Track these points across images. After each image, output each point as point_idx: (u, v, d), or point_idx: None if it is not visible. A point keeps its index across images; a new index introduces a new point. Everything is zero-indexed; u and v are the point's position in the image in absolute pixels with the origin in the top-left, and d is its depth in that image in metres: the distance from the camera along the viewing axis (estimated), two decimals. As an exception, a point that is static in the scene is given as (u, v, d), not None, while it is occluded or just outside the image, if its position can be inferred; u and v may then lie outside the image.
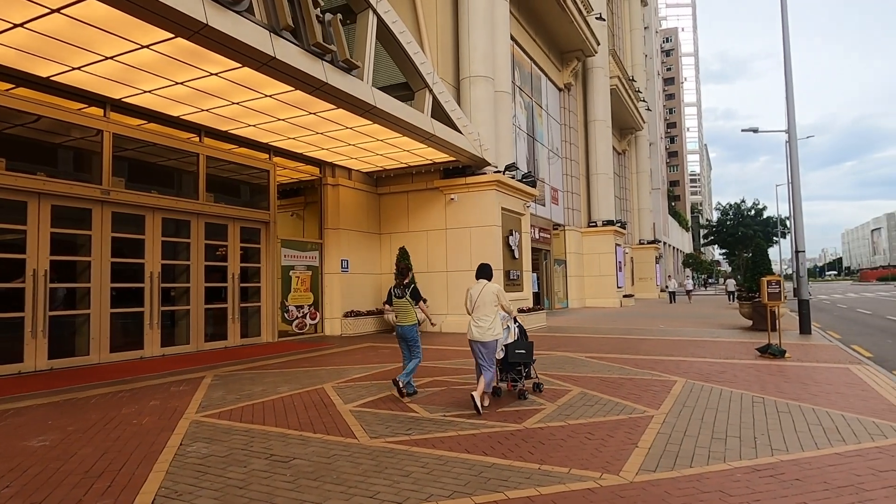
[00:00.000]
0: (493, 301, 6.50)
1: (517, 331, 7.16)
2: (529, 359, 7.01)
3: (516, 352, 6.90)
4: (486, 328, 6.42)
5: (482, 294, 6.53)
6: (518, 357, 6.89)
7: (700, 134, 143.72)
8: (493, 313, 6.49)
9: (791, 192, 14.72)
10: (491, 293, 6.52)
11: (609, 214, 31.44)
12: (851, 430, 5.19)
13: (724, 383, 7.56)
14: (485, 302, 6.49)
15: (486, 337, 6.40)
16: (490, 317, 6.46)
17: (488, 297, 6.50)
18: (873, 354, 10.85)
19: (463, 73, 16.90)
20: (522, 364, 6.98)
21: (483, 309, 6.48)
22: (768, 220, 66.87)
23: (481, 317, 6.47)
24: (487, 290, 6.55)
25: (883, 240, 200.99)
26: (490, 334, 6.41)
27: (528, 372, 7.13)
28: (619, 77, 35.72)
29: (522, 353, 6.92)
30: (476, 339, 6.44)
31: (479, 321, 6.47)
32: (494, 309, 6.51)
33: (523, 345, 7.02)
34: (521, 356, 6.91)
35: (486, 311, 6.47)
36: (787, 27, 14.22)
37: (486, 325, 6.43)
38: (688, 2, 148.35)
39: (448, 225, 16.43)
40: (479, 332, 6.42)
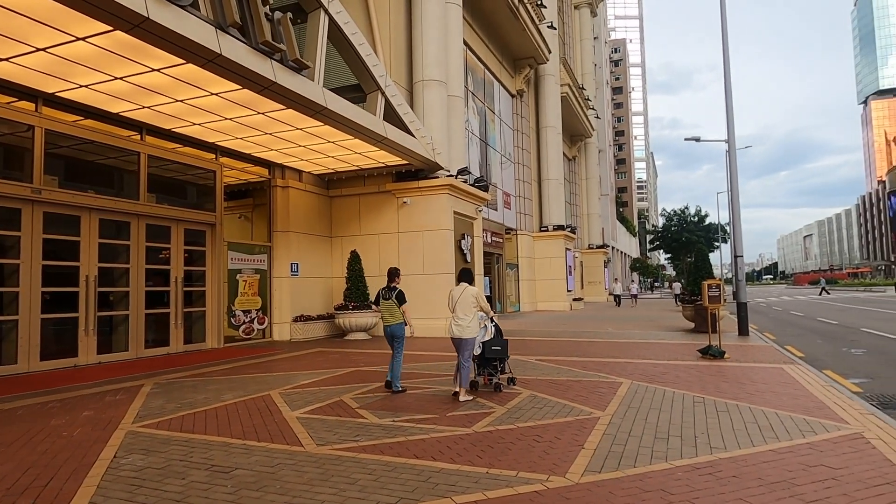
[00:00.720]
0: (473, 302, 7.09)
1: (493, 329, 7.74)
2: (504, 354, 7.59)
3: (493, 348, 7.51)
4: (464, 326, 7.03)
5: (463, 296, 7.11)
6: (494, 353, 7.50)
7: (647, 142, 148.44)
8: (471, 313, 7.07)
9: (730, 200, 15.34)
10: (470, 295, 7.11)
11: (560, 219, 32.01)
12: (784, 427, 5.41)
13: (667, 384, 7.78)
14: (464, 303, 7.08)
15: (465, 334, 7.02)
16: (469, 316, 7.05)
17: (468, 298, 7.09)
18: (805, 354, 11.41)
19: (416, 77, 16.88)
20: (498, 359, 7.56)
21: (463, 309, 7.07)
22: (710, 227, 69.56)
23: (461, 316, 7.06)
24: (468, 292, 7.13)
25: (814, 245, 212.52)
26: (468, 332, 7.03)
27: (503, 367, 7.66)
28: (570, 85, 36.49)
29: (498, 349, 7.52)
30: (456, 336, 7.06)
31: (458, 320, 7.07)
32: (473, 309, 7.09)
33: (499, 342, 7.59)
34: (497, 352, 7.51)
35: (465, 311, 7.06)
36: (727, 44, 14.84)
37: (465, 324, 7.03)
38: (635, 14, 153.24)
39: (400, 228, 16.36)
40: (459, 329, 7.04)
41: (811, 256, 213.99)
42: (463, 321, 7.04)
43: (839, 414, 5.86)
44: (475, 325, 7.12)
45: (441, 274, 15.85)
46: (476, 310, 7.12)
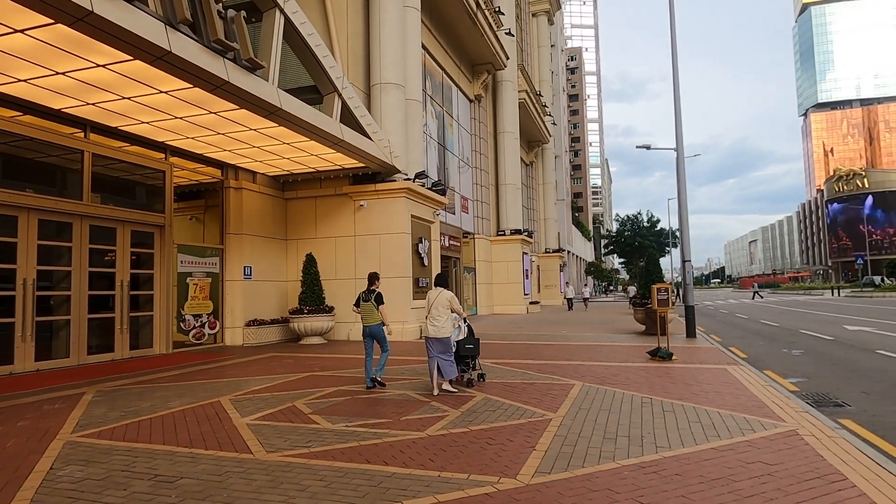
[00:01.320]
0: (447, 305, 7.74)
1: (466, 329, 8.34)
2: (476, 352, 8.26)
3: (466, 346, 8.16)
4: (439, 327, 7.65)
5: (438, 299, 7.76)
6: (467, 351, 8.18)
7: (602, 149, 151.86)
8: (445, 315, 7.70)
9: (679, 206, 15.87)
10: (445, 298, 7.77)
11: (517, 224, 32.39)
12: (726, 426, 5.63)
13: (617, 385, 7.97)
14: (440, 305, 7.73)
15: (440, 334, 7.63)
16: (443, 318, 7.68)
17: (443, 301, 7.75)
18: (747, 355, 11.88)
19: (374, 80, 16.81)
20: (470, 357, 8.23)
21: (438, 310, 7.71)
22: (661, 232, 71.75)
23: (436, 317, 7.69)
24: (443, 295, 7.78)
25: (759, 251, 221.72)
26: (443, 332, 7.64)
27: (474, 364, 8.34)
28: (528, 91, 37.02)
29: (471, 347, 8.20)
30: (431, 335, 7.66)
31: (434, 321, 7.69)
32: (447, 311, 7.73)
33: (471, 341, 8.26)
34: (470, 350, 8.19)
35: (439, 313, 7.70)
36: (676, 56, 15.36)
37: (440, 325, 7.65)
38: (591, 24, 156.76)
39: (357, 232, 16.24)
40: (434, 330, 7.66)
41: (756, 261, 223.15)
42: (438, 322, 7.66)
43: (777, 412, 6.13)
44: (449, 325, 7.73)
45: (398, 277, 15.80)
46: (449, 311, 7.75)
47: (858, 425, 6.01)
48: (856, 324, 18.96)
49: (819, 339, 14.85)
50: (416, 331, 15.90)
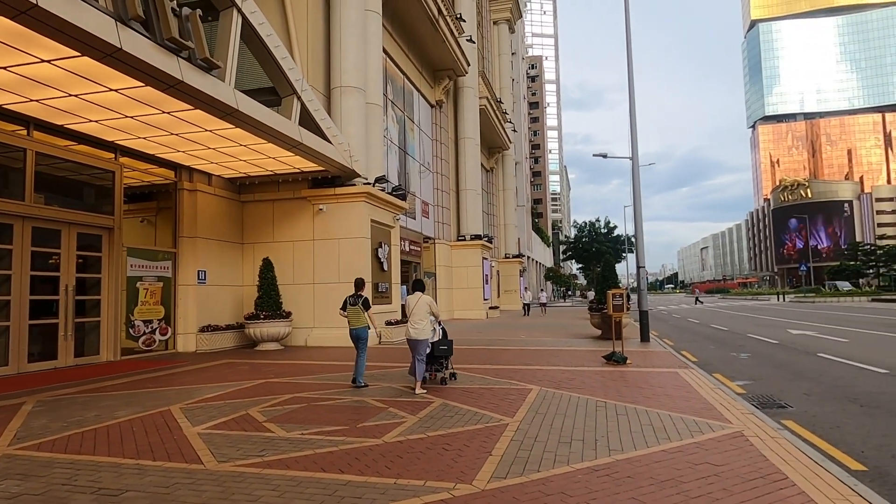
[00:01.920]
0: (426, 309, 8.25)
1: (441, 332, 8.84)
2: (449, 353, 8.83)
3: (440, 347, 8.69)
4: (420, 329, 8.15)
5: (418, 304, 8.25)
6: (441, 352, 8.70)
7: (561, 156, 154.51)
8: (425, 318, 8.22)
9: (634, 215, 16.28)
10: (424, 303, 8.28)
11: (477, 229, 32.59)
12: (676, 428, 5.79)
13: (573, 390, 8.10)
14: (419, 310, 8.23)
15: (420, 336, 8.13)
16: (423, 321, 8.19)
17: (422, 306, 8.25)
18: (698, 359, 12.26)
19: (334, 83, 16.66)
20: (444, 357, 8.76)
21: (418, 315, 8.20)
22: (618, 238, 73.31)
23: (416, 321, 8.18)
24: (422, 300, 8.27)
25: (710, 257, 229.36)
26: (423, 334, 8.15)
27: (447, 363, 8.88)
28: (488, 98, 37.36)
29: (444, 348, 8.73)
30: (413, 337, 8.15)
31: (415, 324, 8.17)
32: (427, 315, 8.24)
33: (445, 342, 8.78)
34: (444, 351, 8.73)
35: (420, 317, 8.20)
36: (632, 70, 15.79)
37: (421, 328, 8.16)
38: (551, 33, 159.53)
39: (316, 236, 16.03)
40: (416, 332, 8.14)
41: (707, 267, 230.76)
42: (419, 325, 8.16)
43: (724, 414, 6.34)
44: (428, 328, 8.25)
45: (357, 282, 15.65)
46: (428, 315, 8.29)
47: (799, 425, 6.27)
48: (799, 328, 19.81)
49: (765, 342, 15.44)
50: (374, 336, 15.75)
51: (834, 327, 19.64)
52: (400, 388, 8.46)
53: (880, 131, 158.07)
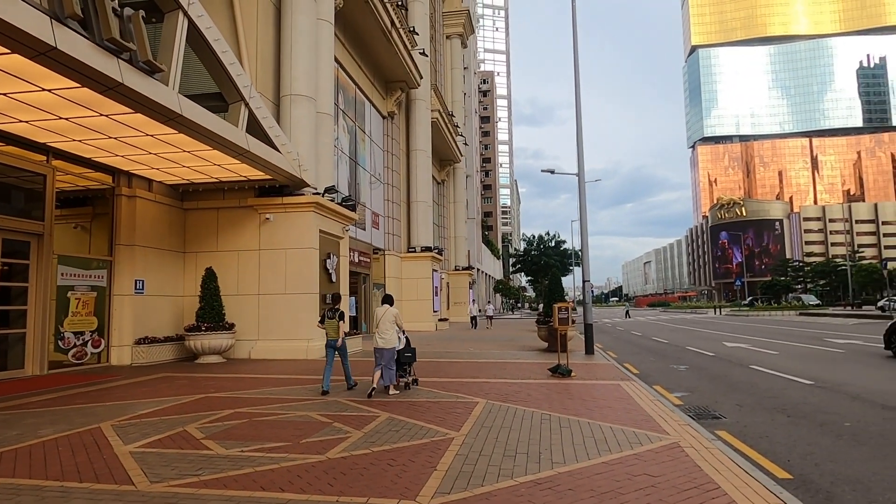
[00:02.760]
0: (392, 320, 9.10)
1: (405, 341, 9.53)
2: (413, 360, 9.62)
3: (405, 355, 9.46)
4: (387, 339, 8.97)
5: (385, 315, 9.12)
6: (406, 359, 9.49)
7: (511, 170, 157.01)
8: (391, 329, 9.05)
9: (581, 230, 16.69)
10: (391, 315, 9.14)
11: (428, 241, 32.62)
12: (616, 440, 5.93)
13: (519, 402, 8.18)
14: (386, 321, 9.07)
15: (387, 345, 8.95)
16: (389, 332, 9.02)
17: (389, 317, 9.11)
18: (639, 371, 12.61)
19: (284, 91, 16.42)
20: (408, 364, 9.57)
21: (384, 325, 9.04)
22: (566, 252, 74.98)
23: (383, 331, 9.01)
24: (389, 312, 9.15)
25: (652, 271, 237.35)
26: (389, 343, 8.98)
27: (410, 370, 9.66)
28: (440, 111, 37.63)
29: (409, 356, 9.52)
30: (380, 346, 8.95)
31: (382, 334, 9.00)
32: (393, 326, 9.08)
33: (409, 350, 9.55)
34: (408, 358, 9.53)
35: (386, 327, 9.03)
36: (579, 90, 16.26)
37: (388, 337, 8.98)
38: (503, 49, 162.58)
39: (262, 246, 15.66)
40: (383, 342, 8.96)
41: (650, 281, 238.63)
42: (386, 335, 8.99)
43: (662, 426, 6.54)
44: (394, 337, 9.05)
45: (304, 293, 15.38)
46: (394, 326, 9.10)
47: (732, 436, 6.53)
48: (733, 341, 20.70)
49: (702, 355, 16.06)
50: (321, 349, 15.46)
51: (765, 340, 20.63)
52: (346, 402, 8.33)
53: (808, 155, 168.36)
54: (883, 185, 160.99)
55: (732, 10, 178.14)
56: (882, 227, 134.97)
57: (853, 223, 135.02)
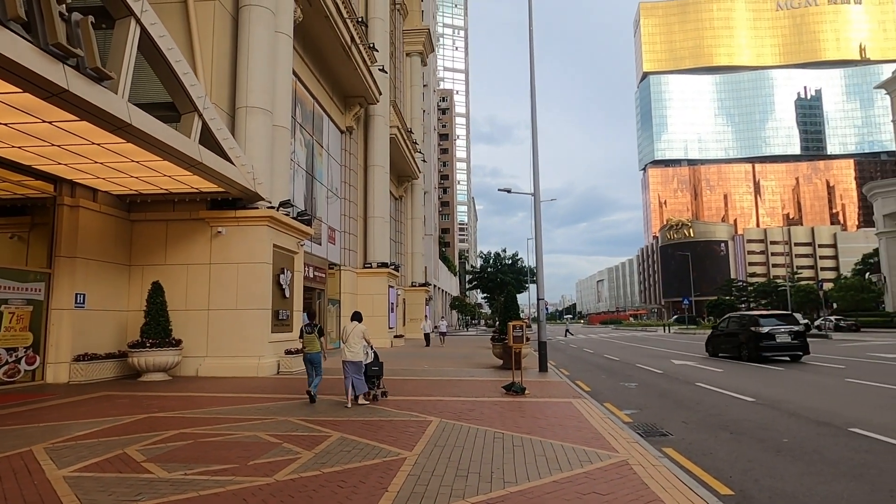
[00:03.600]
0: (360, 335, 9.76)
1: (373, 355, 10.20)
2: (381, 373, 10.35)
3: (372, 368, 10.18)
4: (355, 352, 9.62)
5: (353, 330, 9.75)
6: (373, 372, 10.21)
7: (469, 187, 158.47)
8: (359, 343, 9.70)
9: (536, 248, 16.96)
10: (359, 331, 9.79)
11: (384, 257, 32.46)
12: (567, 458, 5.99)
13: (472, 421, 8.18)
14: (355, 336, 9.70)
15: (355, 358, 9.61)
16: (357, 346, 9.67)
17: (357, 333, 9.75)
18: (591, 388, 12.82)
19: (239, 103, 16.15)
20: (376, 377, 10.25)
21: (352, 339, 9.67)
22: (521, 269, 75.87)
23: (351, 345, 9.63)
24: (357, 328, 9.80)
25: (605, 289, 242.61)
26: (357, 357, 9.65)
27: (379, 382, 10.32)
28: (399, 127, 37.75)
29: (376, 369, 10.26)
30: (349, 359, 9.59)
31: (350, 348, 9.62)
32: (361, 341, 9.73)
33: (377, 364, 10.26)
34: (376, 371, 10.25)
35: (354, 342, 9.66)
36: (535, 110, 16.63)
37: (356, 351, 9.62)
38: (462, 69, 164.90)
39: (213, 260, 15.26)
40: (351, 355, 9.61)
41: (602, 299, 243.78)
42: (354, 349, 9.62)
43: (612, 444, 6.65)
44: (361, 352, 9.71)
45: (256, 309, 15.03)
46: (362, 340, 9.75)
47: (678, 453, 6.70)
48: (681, 358, 21.31)
49: (651, 372, 16.46)
50: (273, 366, 15.16)
51: (711, 358, 21.32)
52: (297, 422, 8.15)
53: (751, 179, 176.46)
54: (819, 210, 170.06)
55: (681, 39, 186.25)
56: (818, 250, 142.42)
57: (792, 246, 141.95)
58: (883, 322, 46.35)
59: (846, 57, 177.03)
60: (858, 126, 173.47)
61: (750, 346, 18.88)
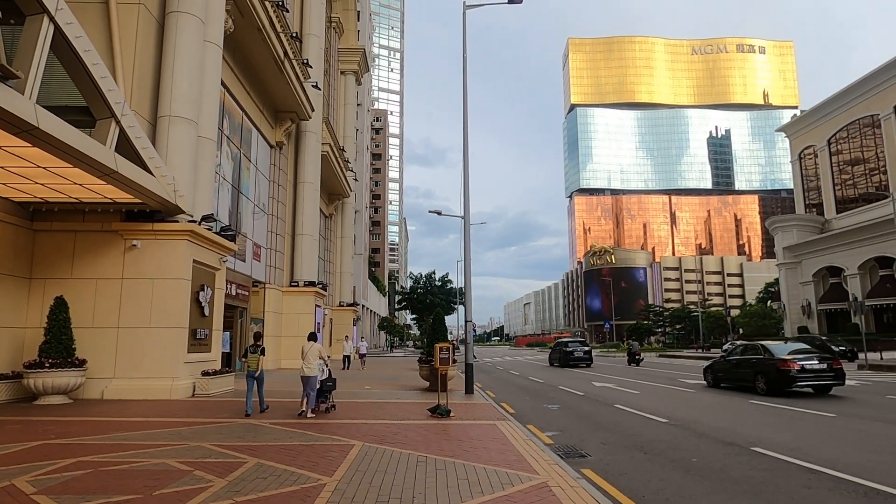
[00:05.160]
0: (317, 354, 11.09)
1: (327, 372, 11.48)
2: (333, 388, 11.70)
3: (326, 384, 11.45)
4: (312, 368, 10.90)
5: (311, 349, 11.05)
6: (327, 387, 11.49)
7: (401, 208, 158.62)
8: (315, 360, 11.00)
9: (465, 270, 17.12)
10: (316, 349, 11.12)
11: (312, 275, 31.77)
12: (489, 481, 6.01)
13: (396, 444, 8.06)
14: (312, 353, 11.02)
15: (312, 374, 10.87)
16: (314, 363, 10.95)
17: (314, 351, 11.07)
18: (515, 411, 12.98)
19: (162, 111, 15.48)
20: (328, 391, 11.53)
21: (310, 357, 10.97)
22: (451, 290, 76.29)
23: (309, 361, 10.92)
24: (314, 347, 11.13)
25: (532, 312, 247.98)
26: (313, 372, 10.90)
27: (330, 396, 11.62)
28: (331, 145, 37.38)
29: (330, 384, 11.58)
30: (306, 374, 10.88)
31: (307, 364, 10.92)
32: (317, 358, 11.05)
33: (331, 380, 11.58)
34: (329, 386, 11.56)
35: (311, 359, 10.94)
36: (467, 136, 16.96)
37: (312, 367, 10.90)
38: (397, 90, 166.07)
39: (126, 274, 14.39)
40: (309, 370, 10.89)
41: (529, 322, 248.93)
42: (311, 365, 10.90)
43: (533, 466, 6.74)
44: (317, 368, 10.96)
45: (172, 328, 14.26)
46: (318, 358, 11.02)
47: (595, 473, 6.87)
48: (601, 380, 22.01)
49: (573, 394, 16.88)
50: (188, 388, 14.38)
51: (629, 380, 22.15)
52: (210, 448, 7.74)
53: (668, 210, 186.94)
54: (728, 241, 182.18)
55: (606, 75, 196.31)
56: (727, 279, 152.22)
57: (704, 274, 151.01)
58: (782, 346, 49.94)
59: (752, 101, 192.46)
60: (762, 165, 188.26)
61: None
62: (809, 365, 15.03)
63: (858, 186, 55.69)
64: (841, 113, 56.79)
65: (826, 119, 58.89)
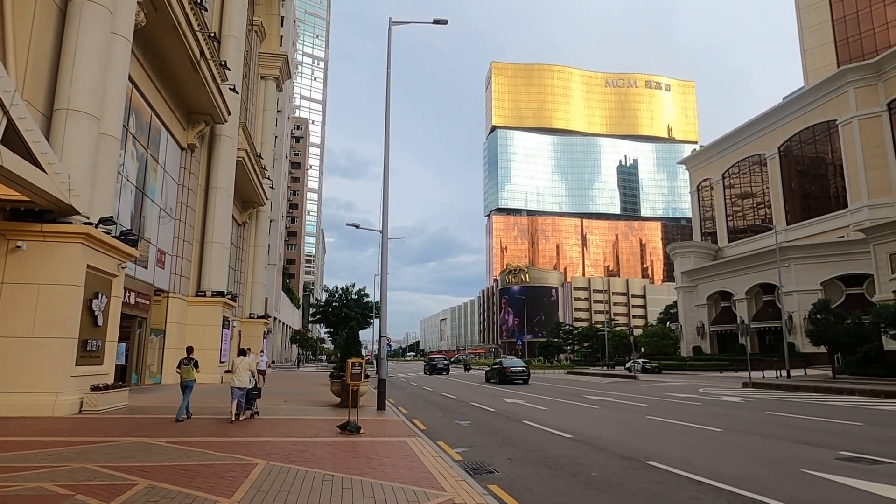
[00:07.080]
0: (247, 367, 12.66)
1: (254, 382, 12.85)
2: (258, 396, 13.26)
3: (252, 392, 12.76)
4: (242, 380, 12.37)
5: (241, 363, 12.65)
6: (253, 396, 12.87)
7: (319, 219, 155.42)
8: (245, 373, 12.49)
9: (381, 284, 17.01)
10: (246, 363, 12.76)
11: (221, 285, 30.36)
12: (396, 499, 5.96)
13: (302, 463, 7.82)
14: (242, 367, 12.57)
15: (243, 385, 12.38)
16: (244, 375, 12.43)
17: (245, 365, 12.65)
18: (426, 427, 12.97)
19: (60, 104, 14.37)
20: (254, 399, 12.94)
21: (240, 370, 12.46)
22: (368, 304, 75.39)
23: (239, 374, 12.40)
24: (245, 361, 12.82)
25: (448, 328, 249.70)
26: (243, 384, 12.39)
27: (255, 405, 13.02)
28: (248, 150, 36.15)
29: (255, 393, 13.00)
30: (235, 385, 12.34)
31: (238, 377, 12.39)
32: (247, 371, 12.56)
33: (256, 389, 13.02)
34: (255, 395, 12.97)
35: (240, 372, 12.42)
36: (388, 151, 16.99)
37: (243, 379, 12.39)
38: (320, 99, 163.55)
39: (7, 278, 13.13)
40: (239, 382, 12.38)
41: (445, 337, 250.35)
42: (242, 377, 12.39)
43: (441, 482, 6.75)
44: (246, 380, 12.45)
45: (58, 338, 13.13)
46: (247, 371, 12.55)
47: (501, 489, 6.99)
48: (512, 397, 22.47)
49: (484, 410, 17.11)
50: (74, 404, 13.27)
51: (538, 396, 22.77)
52: (96, 469, 7.16)
53: (579, 233, 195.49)
54: (633, 264, 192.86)
55: (526, 100, 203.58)
56: (632, 300, 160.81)
57: (611, 294, 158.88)
58: (679, 365, 53.19)
59: (657, 134, 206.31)
60: (665, 194, 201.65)
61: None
62: (515, 369, 32.83)
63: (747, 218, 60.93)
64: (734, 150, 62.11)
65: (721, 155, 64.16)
